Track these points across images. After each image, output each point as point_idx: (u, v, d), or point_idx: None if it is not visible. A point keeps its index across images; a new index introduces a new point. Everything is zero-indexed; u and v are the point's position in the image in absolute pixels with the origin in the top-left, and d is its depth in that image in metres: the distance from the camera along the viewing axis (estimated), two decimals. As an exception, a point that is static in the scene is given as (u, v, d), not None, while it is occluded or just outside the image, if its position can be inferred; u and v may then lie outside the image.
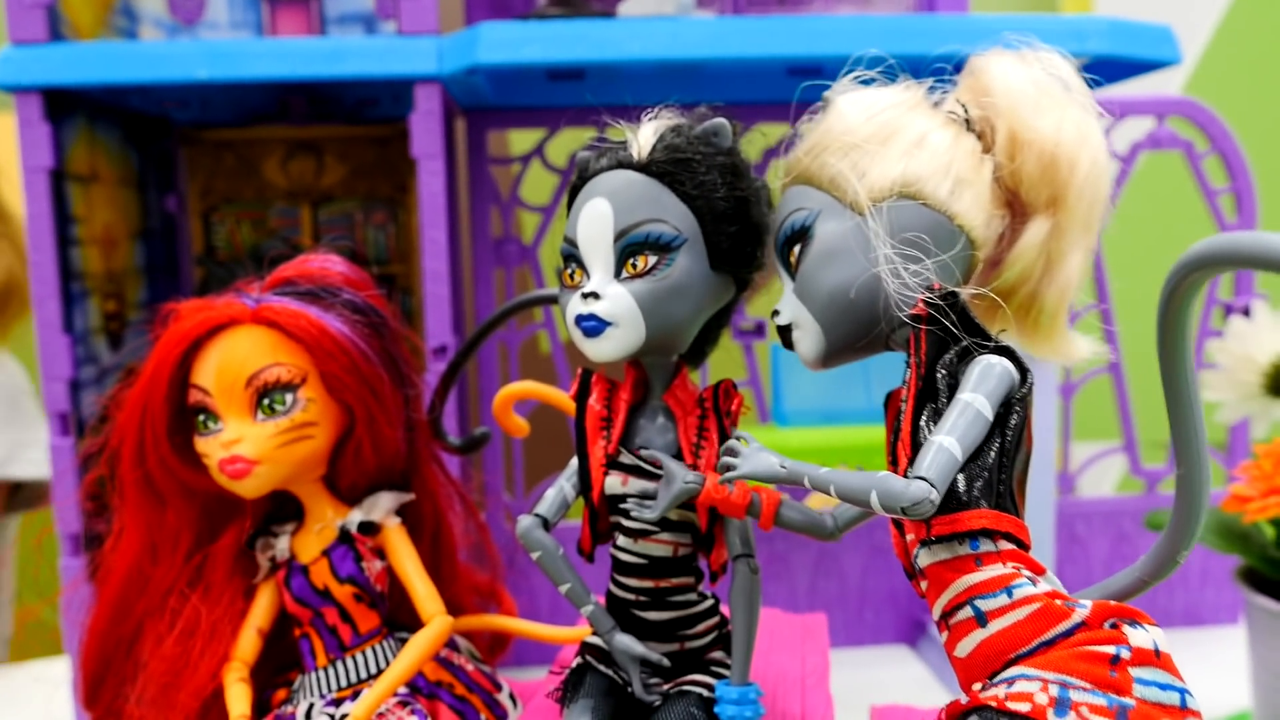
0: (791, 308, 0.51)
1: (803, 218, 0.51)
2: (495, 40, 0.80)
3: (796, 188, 0.53)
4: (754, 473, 0.51)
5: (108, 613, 0.64)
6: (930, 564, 0.47)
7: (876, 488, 0.45)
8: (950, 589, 0.46)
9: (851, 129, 0.51)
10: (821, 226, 0.50)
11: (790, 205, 0.52)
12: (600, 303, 0.52)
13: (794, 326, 0.51)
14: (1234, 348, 0.86)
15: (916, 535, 0.47)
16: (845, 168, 0.50)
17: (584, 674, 0.58)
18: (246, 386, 0.60)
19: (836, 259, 0.50)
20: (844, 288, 0.49)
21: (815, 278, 0.50)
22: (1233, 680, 0.86)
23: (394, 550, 0.65)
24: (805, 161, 0.52)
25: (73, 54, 0.80)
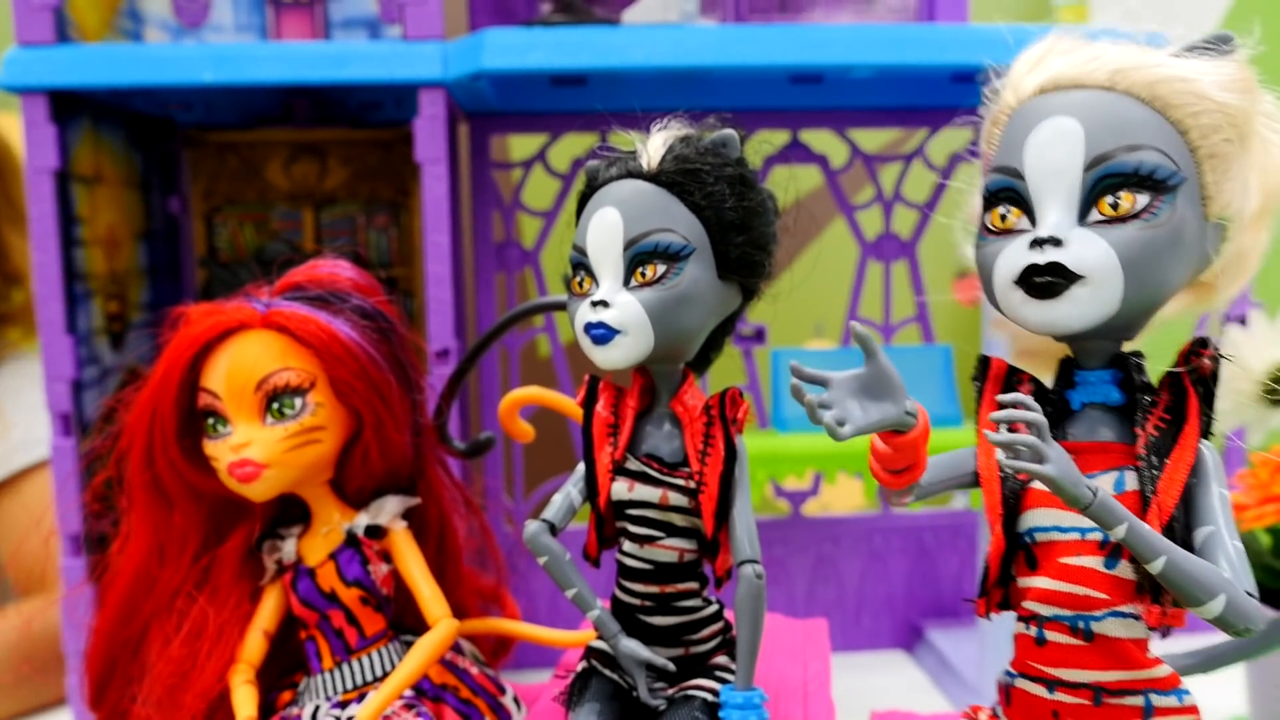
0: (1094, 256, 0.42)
1: (1170, 171, 0.42)
2: (500, 46, 0.80)
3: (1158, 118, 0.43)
4: (1060, 478, 0.40)
5: (114, 614, 0.64)
6: (1122, 637, 0.44)
7: (1228, 594, 0.40)
8: (1130, 670, 0.44)
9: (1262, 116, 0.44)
10: (1183, 207, 0.42)
11: (1148, 133, 0.42)
12: (609, 311, 0.53)
13: (1082, 280, 0.42)
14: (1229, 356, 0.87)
15: (1115, 601, 0.44)
16: (1232, 155, 0.43)
17: (589, 678, 0.59)
18: (256, 390, 0.60)
19: (1183, 254, 0.43)
20: (1169, 291, 0.43)
21: (1159, 259, 0.42)
22: (1230, 687, 0.86)
23: (400, 554, 0.65)
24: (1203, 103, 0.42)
25: (79, 56, 0.80)
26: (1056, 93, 0.44)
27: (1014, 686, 0.47)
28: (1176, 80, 0.42)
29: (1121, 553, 0.44)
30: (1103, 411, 0.46)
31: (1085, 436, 0.46)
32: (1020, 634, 0.47)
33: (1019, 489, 0.46)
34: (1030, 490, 0.46)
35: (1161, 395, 0.45)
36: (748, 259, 0.55)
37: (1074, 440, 0.46)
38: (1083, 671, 0.45)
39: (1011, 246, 0.44)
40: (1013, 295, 0.44)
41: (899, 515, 1.01)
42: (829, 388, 0.42)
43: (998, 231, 0.45)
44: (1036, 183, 0.44)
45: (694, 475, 0.55)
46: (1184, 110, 0.42)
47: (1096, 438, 0.46)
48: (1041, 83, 0.45)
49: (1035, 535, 0.46)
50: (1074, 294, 0.42)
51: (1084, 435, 0.46)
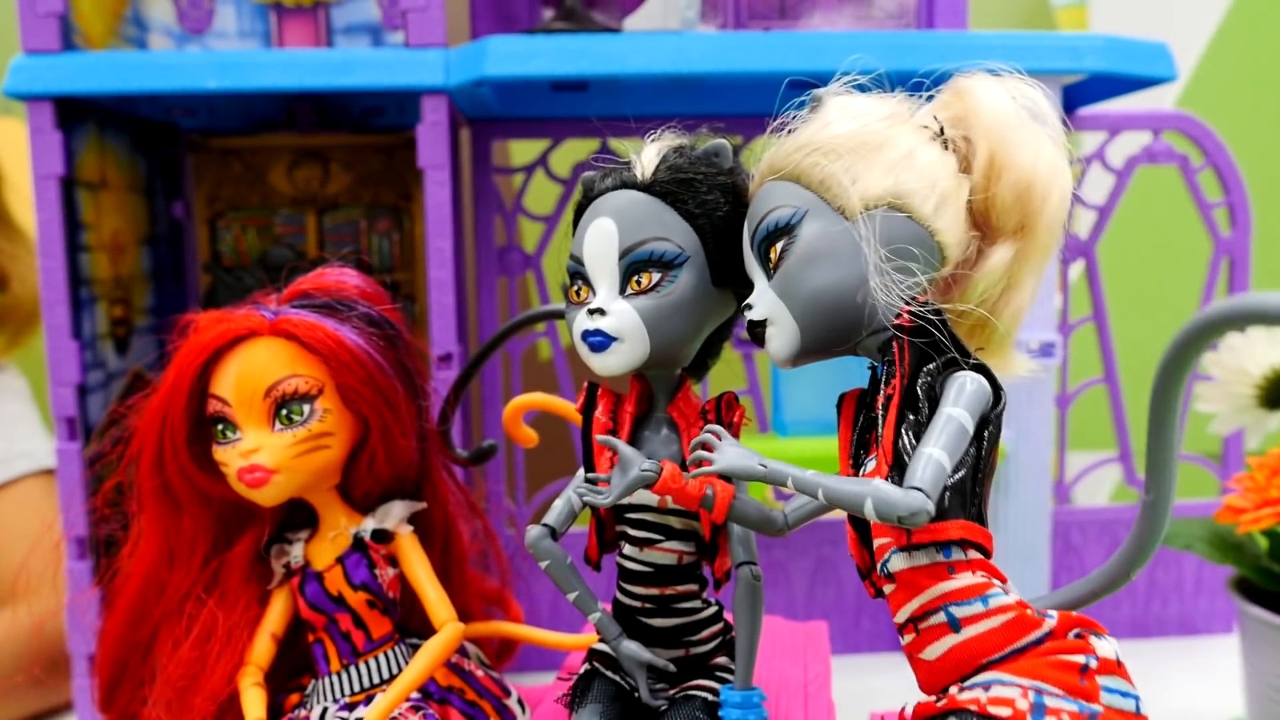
0: (768, 305, 0.52)
1: (788, 215, 0.51)
2: (502, 53, 0.82)
3: (779, 183, 0.53)
4: (730, 468, 0.50)
5: (125, 617, 0.66)
6: (904, 569, 0.49)
7: (872, 495, 0.46)
8: (924, 594, 0.49)
9: (845, 133, 0.51)
10: (808, 226, 0.51)
11: (772, 200, 0.52)
12: (606, 319, 0.55)
13: (769, 323, 0.52)
14: (1228, 360, 0.89)
15: (895, 541, 0.49)
16: (838, 170, 0.50)
17: (592, 680, 0.61)
18: (265, 397, 0.62)
19: (823, 260, 0.50)
20: (828, 290, 0.50)
21: (799, 277, 0.50)
22: (1227, 689, 0.88)
23: (406, 558, 0.67)
24: (795, 158, 0.52)
25: (84, 63, 0.82)
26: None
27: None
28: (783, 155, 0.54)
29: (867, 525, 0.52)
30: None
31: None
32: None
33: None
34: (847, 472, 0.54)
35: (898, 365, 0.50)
36: (741, 266, 0.57)
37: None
38: (900, 611, 0.50)
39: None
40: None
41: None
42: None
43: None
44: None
45: (693, 480, 0.57)
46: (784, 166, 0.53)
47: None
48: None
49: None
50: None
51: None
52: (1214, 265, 1.01)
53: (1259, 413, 0.89)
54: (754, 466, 0.50)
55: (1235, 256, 1.01)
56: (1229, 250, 1.01)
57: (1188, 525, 0.86)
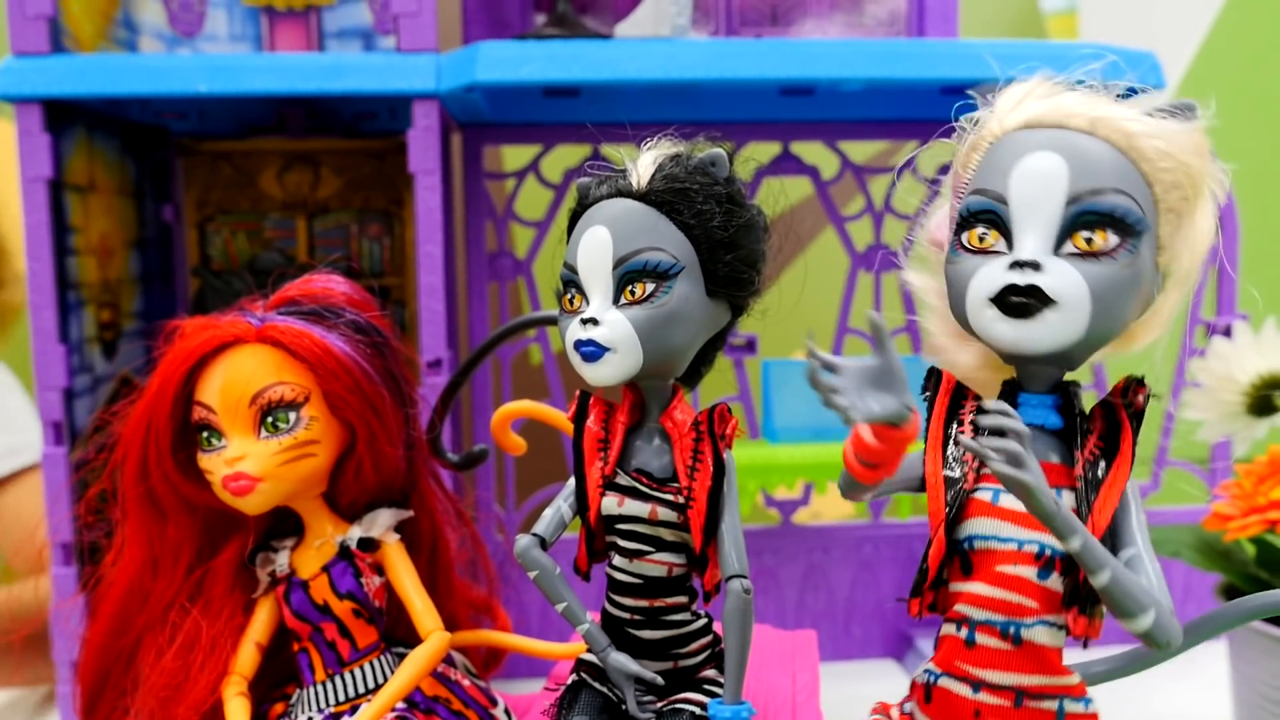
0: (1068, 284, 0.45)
1: (1138, 216, 0.45)
2: (494, 59, 0.81)
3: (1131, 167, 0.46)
4: (1034, 488, 0.43)
5: (107, 626, 0.65)
6: (1045, 644, 0.47)
7: (1157, 610, 0.44)
8: (1050, 676, 0.47)
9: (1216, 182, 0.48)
10: (1145, 251, 0.46)
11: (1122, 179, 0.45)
12: (599, 329, 0.54)
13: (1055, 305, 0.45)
14: (1215, 367, 0.88)
15: (1045, 610, 0.47)
16: (1184, 212, 0.47)
17: (579, 691, 0.60)
18: (251, 405, 0.61)
19: (1136, 294, 0.46)
20: (1121, 328, 0.47)
21: (1121, 296, 0.45)
22: (1216, 695, 0.88)
23: (393, 566, 0.66)
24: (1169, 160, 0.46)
25: (74, 66, 0.81)
26: (1040, 129, 0.47)
27: (936, 685, 0.49)
28: (1150, 136, 0.46)
29: (1054, 566, 0.47)
30: (1042, 434, 0.49)
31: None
32: (949, 635, 0.50)
33: (963, 497, 0.49)
34: (972, 499, 0.49)
35: (1095, 424, 0.49)
36: (736, 276, 0.56)
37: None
38: (1008, 674, 0.47)
39: (989, 265, 0.47)
40: (986, 312, 0.47)
41: (889, 524, 1.02)
42: (839, 374, 0.43)
43: (974, 250, 0.48)
44: (1019, 209, 0.46)
45: (683, 490, 0.56)
46: (1154, 164, 0.46)
47: (1037, 457, 0.47)
48: (1026, 119, 0.48)
49: (974, 542, 0.49)
50: (1046, 317, 0.45)
51: None
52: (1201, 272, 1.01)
53: (1246, 420, 0.88)
54: (1050, 500, 0.43)
55: (1223, 264, 1.00)
56: (1215, 258, 1.00)
57: (1176, 532, 0.85)
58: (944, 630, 0.50)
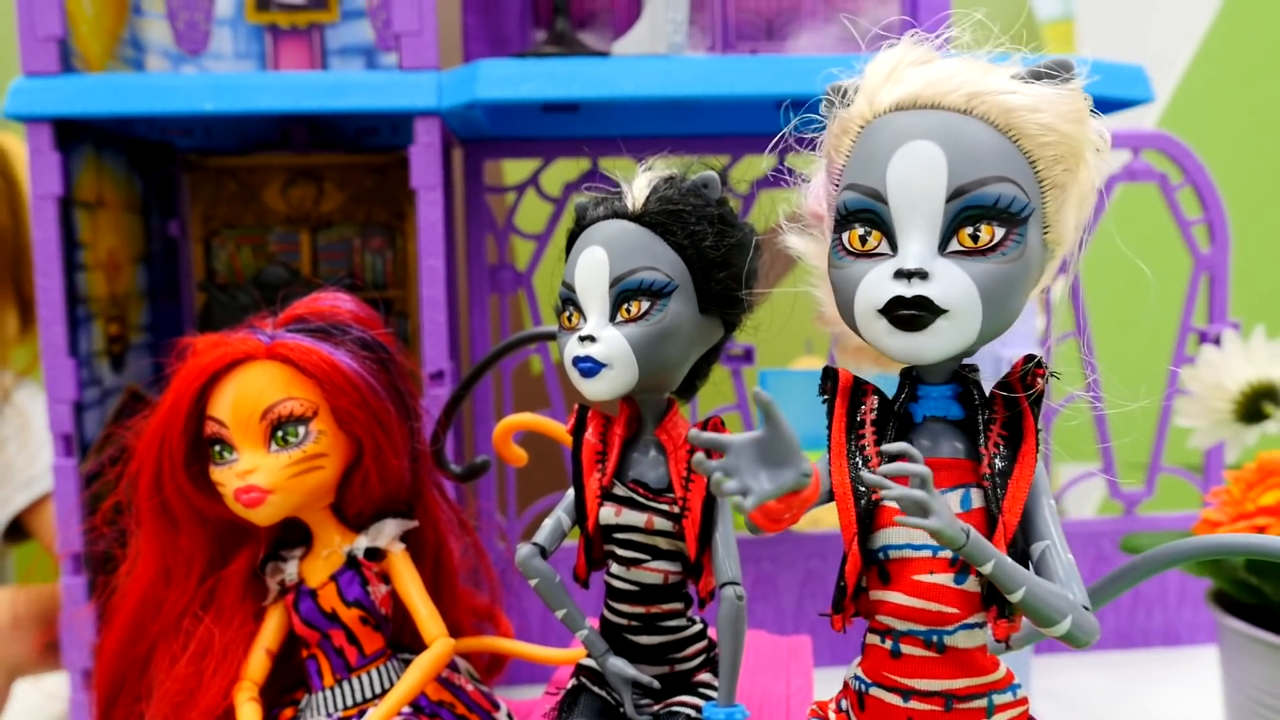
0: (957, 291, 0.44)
1: (1024, 204, 0.44)
2: (494, 77, 0.84)
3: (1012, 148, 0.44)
4: (943, 531, 0.41)
5: (123, 634, 0.68)
6: (968, 647, 0.48)
7: (1074, 615, 0.43)
8: (976, 677, 0.47)
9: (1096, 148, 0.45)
10: (1032, 237, 0.44)
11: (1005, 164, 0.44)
12: (596, 345, 0.57)
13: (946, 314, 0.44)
14: (1205, 375, 0.91)
15: (965, 615, 0.47)
16: (1068, 185, 0.45)
17: (578, 695, 0.63)
18: (261, 419, 0.64)
19: (1027, 285, 0.45)
20: (1015, 314, 0.45)
21: (1012, 292, 0.44)
22: (1209, 699, 0.90)
23: (398, 575, 0.69)
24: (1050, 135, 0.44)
25: (83, 86, 0.84)
26: (914, 111, 0.45)
27: (868, 694, 0.49)
28: (1030, 110, 0.44)
29: (969, 569, 0.47)
30: (944, 425, 0.48)
31: (931, 452, 0.48)
32: (874, 645, 0.49)
33: (872, 507, 0.48)
34: (883, 508, 0.48)
35: (997, 411, 0.47)
36: (728, 294, 0.59)
37: (923, 455, 0.47)
38: (935, 681, 0.47)
39: (875, 274, 0.45)
40: (876, 324, 0.45)
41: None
42: (729, 453, 0.41)
43: (856, 253, 0.46)
44: (899, 208, 0.44)
45: (678, 500, 0.59)
46: (1035, 140, 0.44)
47: (941, 453, 0.48)
48: (898, 98, 0.45)
49: (889, 552, 0.48)
50: (937, 327, 0.44)
51: (930, 450, 0.48)
52: (1193, 281, 1.03)
53: (1236, 427, 0.91)
54: (959, 534, 0.42)
55: (1214, 273, 1.03)
56: (1208, 266, 1.03)
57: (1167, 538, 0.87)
58: (868, 639, 0.50)
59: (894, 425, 0.48)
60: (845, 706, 0.52)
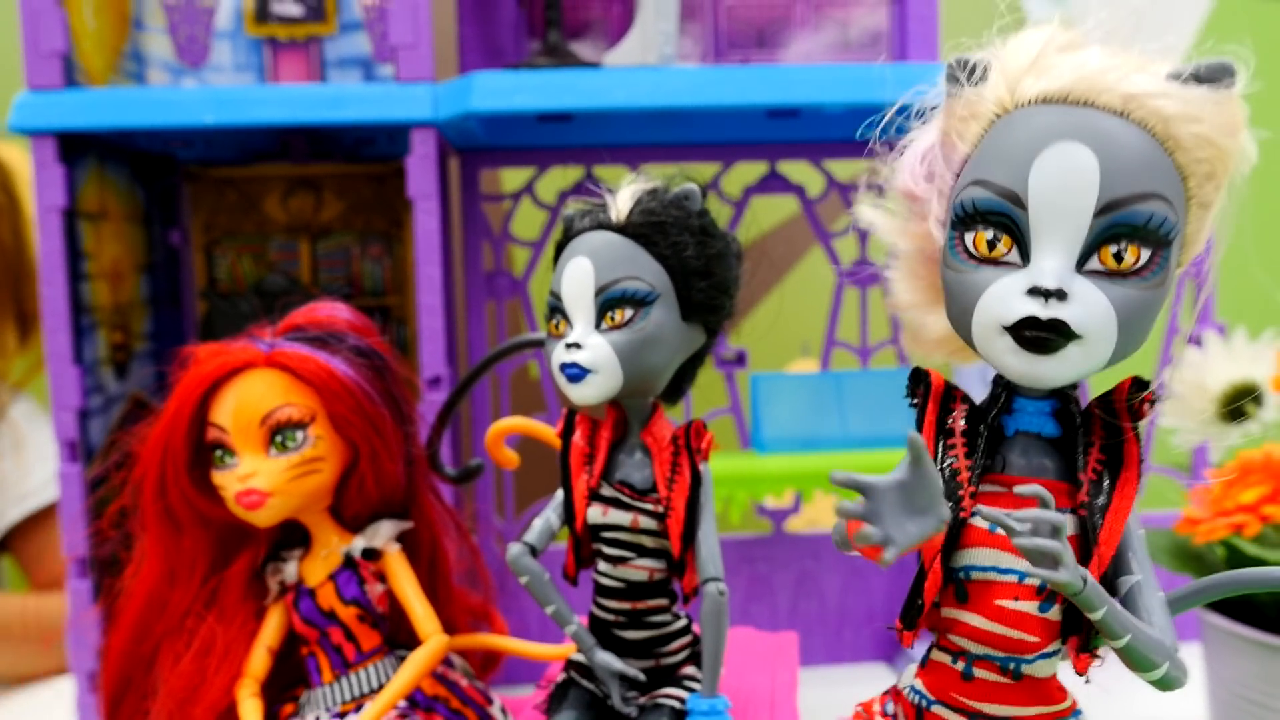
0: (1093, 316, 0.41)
1: (1173, 225, 0.40)
2: (488, 89, 0.86)
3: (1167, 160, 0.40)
4: (1071, 582, 0.40)
5: (129, 633, 0.71)
6: (1046, 677, 0.47)
7: (1170, 663, 0.42)
8: (1049, 706, 0.47)
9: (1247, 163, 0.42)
10: (1173, 260, 0.42)
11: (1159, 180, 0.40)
12: (582, 352, 0.60)
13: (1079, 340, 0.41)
14: (1187, 376, 0.93)
15: (1045, 644, 0.46)
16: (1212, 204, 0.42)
17: (568, 688, 0.66)
18: (261, 425, 0.67)
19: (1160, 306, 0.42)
20: (1146, 336, 0.42)
21: (1147, 318, 0.41)
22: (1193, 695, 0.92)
23: (394, 574, 0.72)
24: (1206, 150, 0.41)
25: (87, 100, 0.86)
26: (1063, 107, 0.41)
27: (930, 710, 0.49)
28: (1188, 120, 0.40)
29: (1055, 598, 0.45)
30: (1037, 441, 0.46)
31: (1025, 470, 0.46)
32: (942, 664, 0.48)
33: (959, 525, 0.46)
34: (969, 526, 0.46)
35: (1095, 433, 0.45)
36: (710, 302, 0.62)
37: (1014, 473, 0.46)
38: (1007, 706, 0.47)
39: (1004, 287, 0.42)
40: (998, 341, 0.42)
41: (878, 532, 1.07)
42: (869, 497, 0.39)
43: (981, 259, 0.42)
44: (1040, 216, 0.41)
45: (662, 500, 0.62)
46: (1190, 154, 0.41)
47: (1035, 473, 0.46)
48: (1046, 90, 0.42)
49: (971, 573, 0.46)
50: (1068, 352, 0.41)
51: (1023, 468, 0.46)
52: (1179, 282, 1.06)
53: (1219, 427, 0.93)
54: (1078, 583, 0.40)
55: (1199, 274, 1.05)
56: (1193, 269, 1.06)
57: (1150, 536, 0.90)
58: (936, 656, 0.49)
59: (985, 437, 0.46)
60: (894, 711, 0.51)
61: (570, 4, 1.00)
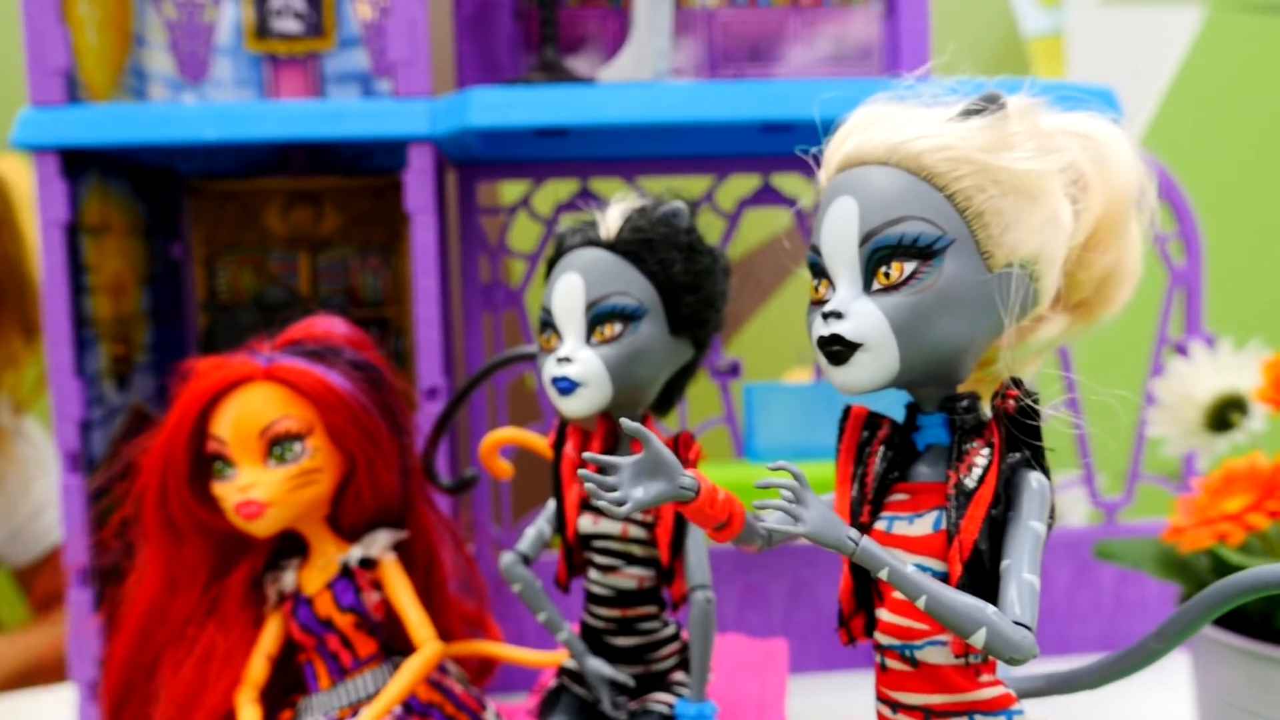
0: (869, 327, 0.48)
1: (932, 237, 0.47)
2: (485, 104, 0.88)
3: (920, 185, 0.48)
4: (815, 534, 0.46)
5: (130, 641, 0.73)
6: (940, 663, 0.50)
7: (988, 627, 0.45)
8: (953, 694, 0.50)
9: (1023, 170, 0.47)
10: (951, 263, 0.47)
11: (908, 205, 0.47)
12: (572, 366, 0.62)
13: (863, 348, 0.48)
14: (1175, 386, 0.95)
15: (935, 631, 0.49)
16: (1004, 209, 0.47)
17: (560, 693, 0.68)
18: (260, 437, 0.69)
19: (960, 310, 0.48)
20: (954, 342, 0.48)
21: (929, 319, 0.47)
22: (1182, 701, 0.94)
23: (390, 583, 0.74)
24: (956, 167, 0.47)
25: (89, 116, 0.88)
26: (846, 171, 0.50)
27: (877, 708, 0.54)
28: (939, 149, 0.47)
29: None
30: (941, 451, 0.52)
31: (920, 477, 0.52)
32: (875, 662, 0.54)
33: (863, 529, 0.52)
34: (872, 530, 0.52)
35: (983, 435, 0.50)
36: (698, 316, 0.64)
37: (914, 480, 0.52)
38: (913, 695, 0.51)
39: (815, 316, 0.50)
40: (821, 360, 0.50)
41: (871, 540, 1.09)
42: (616, 473, 0.48)
43: (814, 302, 0.51)
44: (829, 258, 0.50)
45: (651, 510, 0.64)
46: (946, 177, 0.47)
47: (926, 479, 0.52)
48: (839, 161, 0.51)
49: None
50: (858, 359, 0.48)
51: (921, 475, 0.52)
52: (1168, 294, 1.08)
53: (1206, 436, 0.95)
54: (843, 540, 0.46)
55: (1189, 286, 1.08)
56: (1183, 280, 1.08)
57: (1138, 545, 0.91)
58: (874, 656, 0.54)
59: (890, 453, 0.52)
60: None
61: (566, 20, 1.03)
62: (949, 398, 0.51)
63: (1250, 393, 0.93)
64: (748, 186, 1.08)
